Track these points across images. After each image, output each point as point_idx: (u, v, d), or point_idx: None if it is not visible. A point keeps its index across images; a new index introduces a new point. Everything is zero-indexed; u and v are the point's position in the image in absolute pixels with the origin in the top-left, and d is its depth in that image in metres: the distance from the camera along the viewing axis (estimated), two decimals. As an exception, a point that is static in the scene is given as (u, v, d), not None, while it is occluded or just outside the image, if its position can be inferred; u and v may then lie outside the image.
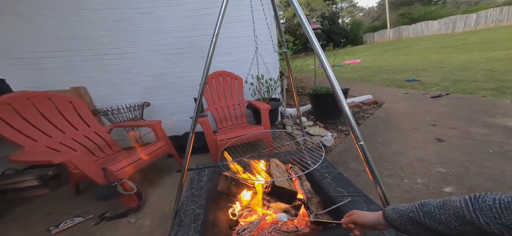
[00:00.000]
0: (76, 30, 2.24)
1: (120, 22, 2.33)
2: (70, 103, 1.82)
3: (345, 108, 0.79)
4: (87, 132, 1.84)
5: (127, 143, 2.49)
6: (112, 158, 1.75)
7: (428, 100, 2.99)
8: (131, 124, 2.15)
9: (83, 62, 2.33)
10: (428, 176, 1.50)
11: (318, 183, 1.18)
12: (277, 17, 1.45)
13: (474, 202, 0.37)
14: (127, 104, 2.39)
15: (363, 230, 0.60)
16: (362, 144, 0.78)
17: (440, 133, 2.04)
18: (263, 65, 2.49)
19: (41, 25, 2.15)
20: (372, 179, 0.78)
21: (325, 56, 0.87)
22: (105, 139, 1.91)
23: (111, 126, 2.05)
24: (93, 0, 2.21)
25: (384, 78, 5.07)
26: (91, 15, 2.24)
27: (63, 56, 2.27)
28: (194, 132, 1.10)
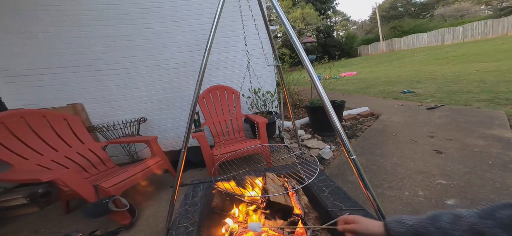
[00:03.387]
0: (74, 46, 2.29)
1: (118, 38, 2.39)
2: (65, 120, 1.83)
3: (335, 122, 0.80)
4: (81, 149, 1.83)
5: (123, 159, 2.45)
6: (105, 175, 1.73)
7: (424, 112, 3.02)
8: (126, 140, 2.14)
9: (81, 78, 2.36)
10: (429, 188, 1.47)
11: (316, 197, 1.14)
12: (269, 32, 1.50)
13: (491, 215, 0.34)
14: (124, 120, 2.40)
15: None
16: (354, 158, 0.77)
17: (438, 144, 2.03)
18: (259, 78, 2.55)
19: (40, 42, 2.19)
20: (366, 193, 0.76)
21: (313, 69, 0.89)
22: (99, 155, 1.90)
23: (106, 142, 2.05)
24: (92, 16, 2.29)
25: (379, 90, 5.16)
26: (89, 31, 2.31)
27: (60, 72, 2.29)
28: (186, 148, 1.09)
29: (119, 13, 2.35)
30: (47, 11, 2.17)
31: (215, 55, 2.58)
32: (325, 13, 22.02)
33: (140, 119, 2.45)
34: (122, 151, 2.45)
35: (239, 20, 1.35)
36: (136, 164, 1.75)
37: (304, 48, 2.94)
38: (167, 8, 2.47)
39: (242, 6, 1.28)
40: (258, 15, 1.41)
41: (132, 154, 2.52)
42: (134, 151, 2.55)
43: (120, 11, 2.35)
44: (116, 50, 2.41)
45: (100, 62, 2.39)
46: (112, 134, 2.28)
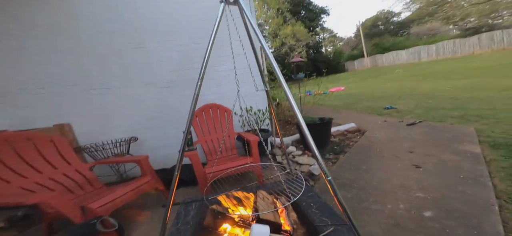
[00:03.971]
0: (64, 65, 2.30)
1: (110, 55, 2.43)
2: (51, 141, 1.83)
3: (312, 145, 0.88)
4: (67, 170, 1.82)
5: (111, 179, 2.38)
6: (93, 195, 1.71)
7: (404, 128, 3.26)
8: (115, 160, 2.13)
9: (69, 98, 2.35)
10: (409, 201, 1.58)
11: (304, 213, 1.20)
12: (257, 58, 1.62)
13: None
14: (113, 140, 2.37)
15: None
16: (330, 179, 0.86)
17: (417, 159, 2.19)
18: (252, 97, 2.67)
19: (28, 61, 2.19)
20: (342, 210, 0.84)
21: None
22: (86, 176, 1.89)
23: (93, 163, 2.04)
24: (84, 35, 2.33)
25: (365, 106, 5.47)
26: (80, 48, 2.34)
27: (48, 92, 2.27)
28: (180, 170, 1.13)
29: (112, 31, 2.42)
30: (38, 31, 2.19)
31: (207, 73, 2.67)
32: (314, 29, 23.47)
33: (130, 138, 2.44)
34: (110, 171, 2.39)
35: (232, 38, 1.47)
36: (126, 183, 1.74)
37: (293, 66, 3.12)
38: (160, 27, 2.57)
39: (232, 29, 1.40)
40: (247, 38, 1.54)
41: (122, 173, 2.47)
42: (124, 171, 2.50)
43: (113, 29, 2.42)
44: (107, 68, 2.44)
45: (90, 80, 2.40)
46: (100, 154, 2.24)
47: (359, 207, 1.61)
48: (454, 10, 16.55)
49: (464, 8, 15.78)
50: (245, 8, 1.25)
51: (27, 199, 1.26)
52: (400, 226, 1.37)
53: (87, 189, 1.84)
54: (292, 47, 16.54)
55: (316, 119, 2.87)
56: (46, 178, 1.67)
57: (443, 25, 22.40)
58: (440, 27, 23.17)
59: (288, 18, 18.56)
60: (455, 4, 16.16)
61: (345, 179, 2.03)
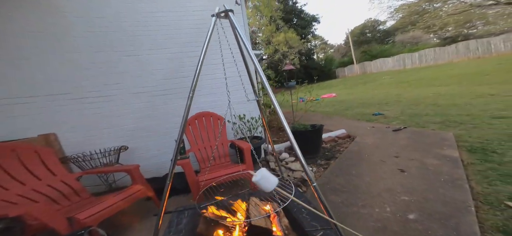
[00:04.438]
0: (54, 74, 2.26)
1: (102, 64, 2.42)
2: (36, 152, 1.79)
3: (298, 154, 0.94)
4: (52, 181, 1.78)
5: (100, 189, 2.31)
6: (80, 206, 1.69)
7: (390, 134, 3.42)
8: (104, 170, 2.10)
9: (58, 107, 2.29)
10: (395, 204, 1.66)
11: (295, 218, 1.24)
12: (247, 68, 1.69)
13: None
14: (102, 149, 2.32)
15: None
16: (315, 185, 0.91)
17: (402, 164, 2.31)
18: (244, 104, 2.71)
19: (17, 70, 2.13)
20: (328, 216, 0.89)
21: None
22: (73, 186, 1.86)
23: (80, 173, 2.01)
24: (77, 43, 2.30)
25: (355, 112, 5.68)
26: (72, 58, 2.31)
27: (35, 101, 2.21)
28: (172, 178, 1.14)
29: (103, 41, 2.41)
30: (29, 39, 2.15)
31: (200, 81, 2.71)
32: (306, 37, 24.20)
33: (120, 147, 2.39)
34: (99, 181, 2.32)
35: (223, 49, 1.52)
36: (115, 193, 1.72)
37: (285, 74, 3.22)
38: (153, 36, 2.60)
39: (224, 41, 1.46)
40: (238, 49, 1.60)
41: (111, 183, 2.40)
42: (113, 180, 2.44)
43: (104, 39, 2.41)
44: (99, 77, 2.42)
45: (80, 90, 2.36)
46: (88, 164, 2.19)
47: (349, 211, 1.67)
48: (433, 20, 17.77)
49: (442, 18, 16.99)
50: (235, 22, 1.31)
51: (9, 211, 1.21)
52: (387, 229, 1.43)
53: (74, 200, 1.80)
54: (285, 54, 16.94)
55: (308, 126, 2.95)
56: (29, 189, 1.63)
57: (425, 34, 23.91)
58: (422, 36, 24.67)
59: (280, 25, 19.07)
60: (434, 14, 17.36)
61: (336, 184, 2.10)
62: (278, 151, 3.10)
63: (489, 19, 16.24)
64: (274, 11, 18.04)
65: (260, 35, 18.29)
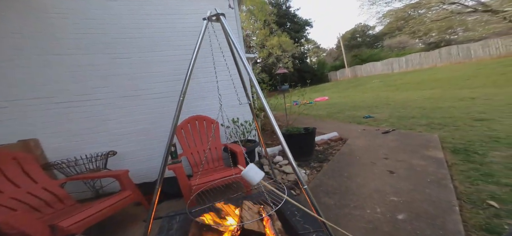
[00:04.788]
0: (38, 77, 2.16)
1: (90, 67, 2.35)
2: (14, 159, 1.72)
3: (290, 157, 0.95)
4: (33, 188, 1.71)
5: (86, 195, 2.22)
6: (64, 213, 1.62)
7: (380, 136, 3.53)
8: (90, 175, 2.02)
9: (41, 111, 2.19)
10: (385, 205, 1.71)
11: (288, 221, 1.24)
12: (239, 72, 1.69)
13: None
14: (88, 154, 2.24)
15: None
16: (306, 188, 0.92)
17: (391, 165, 2.39)
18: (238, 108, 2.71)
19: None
20: (319, 218, 0.90)
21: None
22: (56, 193, 1.79)
23: (63, 179, 1.94)
24: (61, 45, 2.22)
25: (347, 115, 5.82)
26: (58, 60, 2.22)
27: (16, 105, 2.11)
28: (161, 184, 1.12)
29: (91, 42, 2.34)
30: (11, 40, 2.05)
31: (193, 85, 2.69)
32: (299, 41, 24.64)
33: (108, 152, 2.31)
34: (84, 187, 2.23)
35: (216, 52, 1.52)
36: (102, 199, 1.68)
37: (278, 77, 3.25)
38: (145, 39, 2.56)
39: (216, 44, 1.46)
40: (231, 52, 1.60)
41: (97, 189, 2.31)
42: (100, 186, 2.34)
43: (94, 41, 2.34)
44: (86, 81, 2.34)
45: (66, 93, 2.27)
46: (73, 170, 2.10)
47: (341, 213, 1.70)
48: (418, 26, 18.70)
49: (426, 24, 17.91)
50: (227, 25, 1.32)
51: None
52: (378, 229, 1.47)
53: (58, 207, 1.74)
54: (279, 58, 17.14)
55: (301, 129, 2.99)
56: (7, 198, 1.55)
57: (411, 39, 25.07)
58: (408, 41, 25.83)
59: (274, 29, 19.32)
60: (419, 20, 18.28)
61: (329, 186, 2.13)
62: (272, 154, 3.11)
63: (469, 26, 17.27)
64: (268, 15, 18.27)
65: (254, 38, 18.42)
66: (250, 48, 17.61)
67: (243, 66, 1.13)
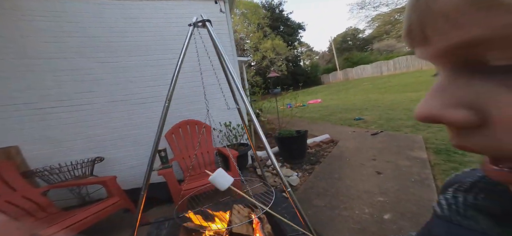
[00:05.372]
0: (14, 82, 2.08)
1: (73, 72, 2.28)
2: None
3: (274, 162, 0.98)
4: (11, 197, 1.64)
5: (71, 203, 2.14)
6: (46, 222, 1.58)
7: (369, 138, 3.64)
8: (75, 183, 1.97)
9: (20, 118, 2.10)
10: (372, 205, 1.77)
11: (278, 224, 1.26)
12: (226, 76, 1.71)
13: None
14: (73, 161, 2.17)
15: None
16: (289, 190, 0.96)
17: (379, 166, 2.47)
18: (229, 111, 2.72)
19: None
20: (302, 222, 0.93)
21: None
22: (37, 202, 1.73)
23: (46, 187, 1.88)
24: (42, 49, 2.16)
25: (339, 117, 5.96)
26: (38, 64, 2.15)
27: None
28: (146, 190, 1.11)
29: (76, 46, 2.29)
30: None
31: (185, 90, 2.67)
32: (292, 44, 25.02)
33: (95, 159, 2.25)
34: (70, 194, 2.15)
35: (205, 57, 1.53)
36: (88, 207, 1.64)
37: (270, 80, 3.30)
38: (133, 43, 2.52)
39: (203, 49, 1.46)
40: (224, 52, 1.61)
41: (84, 196, 2.23)
42: (86, 193, 2.27)
43: (77, 44, 2.29)
44: (70, 86, 2.27)
45: (48, 98, 2.19)
46: (57, 177, 2.03)
47: (332, 215, 1.74)
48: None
49: (412, 29, 18.79)
50: (212, 32, 1.34)
51: None
52: (366, 230, 1.52)
53: (39, 215, 1.68)
54: (273, 61, 17.30)
55: (293, 132, 3.04)
56: None
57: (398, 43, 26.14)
58: (395, 44, 26.90)
59: (268, 32, 19.54)
60: (405, 25, 19.16)
61: (320, 188, 2.17)
62: (265, 157, 3.13)
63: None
64: (261, 18, 18.47)
65: (248, 41, 18.54)
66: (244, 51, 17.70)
67: (229, 73, 1.15)
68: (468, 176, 0.21)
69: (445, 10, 0.10)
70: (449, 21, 0.10)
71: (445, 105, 0.12)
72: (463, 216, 0.18)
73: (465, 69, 0.12)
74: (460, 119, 0.12)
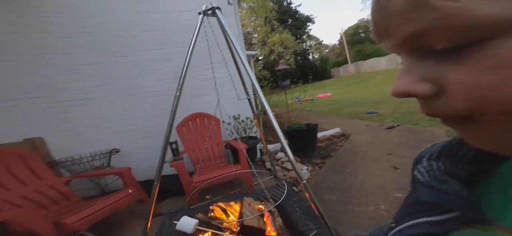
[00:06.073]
0: (36, 76, 2.18)
1: (89, 66, 2.35)
2: (21, 157, 1.74)
3: (288, 153, 0.94)
4: (39, 186, 1.74)
5: (91, 193, 2.26)
6: (69, 210, 1.65)
7: (384, 131, 3.47)
8: (94, 173, 2.05)
9: (42, 111, 2.21)
10: (388, 201, 1.68)
11: (289, 218, 1.23)
12: (237, 67, 1.67)
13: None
14: (92, 152, 2.26)
15: None
16: (304, 182, 0.91)
17: (395, 161, 2.35)
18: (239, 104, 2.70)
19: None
20: (318, 214, 0.88)
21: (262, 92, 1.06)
22: (61, 191, 1.82)
23: (69, 177, 1.96)
24: (60, 45, 2.23)
25: (350, 111, 5.75)
26: (57, 59, 2.23)
27: (17, 104, 2.13)
28: (159, 180, 1.13)
29: (91, 41, 2.34)
30: (6, 39, 2.06)
31: (193, 82, 2.67)
32: (301, 37, 24.37)
33: (111, 150, 2.34)
34: (89, 184, 2.26)
35: (214, 49, 1.50)
36: (106, 196, 1.70)
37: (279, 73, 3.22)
38: (144, 37, 2.54)
39: (213, 40, 1.44)
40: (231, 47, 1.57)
41: (102, 186, 2.34)
42: (104, 184, 2.38)
43: (93, 39, 2.35)
44: (86, 80, 2.35)
45: (67, 92, 2.28)
46: (78, 168, 2.13)
47: (344, 210, 1.68)
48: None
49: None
50: (223, 21, 1.30)
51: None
52: (381, 226, 1.45)
53: (63, 204, 1.77)
54: (281, 55, 16.99)
55: (303, 125, 2.97)
56: (14, 195, 1.59)
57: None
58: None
59: (275, 26, 19.12)
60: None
61: (331, 182, 2.11)
62: (274, 151, 3.10)
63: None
64: (269, 12, 18.07)
65: (256, 36, 18.29)
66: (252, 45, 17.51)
67: (240, 60, 1.11)
68: (435, 147, 0.25)
69: (396, 10, 0.13)
70: (399, 18, 0.13)
71: (412, 82, 0.15)
72: (439, 181, 0.21)
73: (422, 53, 0.14)
74: (424, 90, 0.14)
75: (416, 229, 0.21)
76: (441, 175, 0.21)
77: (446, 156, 0.22)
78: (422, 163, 0.25)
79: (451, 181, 0.20)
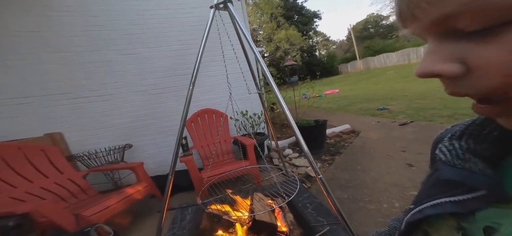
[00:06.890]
0: (52, 74, 2.26)
1: (100, 63, 2.42)
2: (42, 151, 1.81)
3: (304, 147, 0.91)
4: (59, 179, 1.81)
5: (105, 186, 2.34)
6: (86, 203, 1.70)
7: (397, 128, 3.34)
8: (109, 167, 2.12)
9: (60, 107, 2.30)
10: (404, 199, 1.62)
11: (301, 214, 1.21)
12: (248, 61, 1.65)
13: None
14: (107, 147, 2.34)
15: None
16: (321, 177, 0.88)
17: (410, 158, 2.25)
18: (247, 101, 2.70)
19: (15, 71, 2.14)
20: (335, 210, 0.86)
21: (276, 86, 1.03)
22: (80, 184, 1.88)
23: (86, 171, 2.03)
24: (73, 43, 2.31)
25: (359, 107, 5.59)
26: (70, 57, 2.31)
27: (37, 101, 2.22)
28: (173, 174, 1.13)
29: (101, 39, 2.40)
30: (23, 38, 2.15)
31: (201, 79, 2.69)
32: (307, 33, 23.90)
33: (124, 145, 2.41)
34: (104, 179, 2.35)
35: (224, 45, 1.49)
36: (120, 191, 1.74)
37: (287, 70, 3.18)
38: (151, 34, 2.57)
39: (224, 34, 1.43)
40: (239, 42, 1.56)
41: (116, 181, 2.43)
42: (118, 178, 2.46)
43: (102, 37, 2.41)
44: (98, 77, 2.42)
45: (80, 89, 2.36)
46: (94, 162, 2.22)
47: (355, 207, 1.64)
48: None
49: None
50: (235, 14, 1.29)
51: (17, 208, 1.25)
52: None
53: (81, 197, 1.83)
54: (287, 51, 16.77)
55: (311, 122, 2.91)
56: (37, 187, 1.66)
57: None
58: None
59: (281, 22, 18.86)
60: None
61: (341, 180, 2.06)
62: (282, 147, 3.07)
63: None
64: (275, 8, 17.84)
65: (261, 32, 18.14)
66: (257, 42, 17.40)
67: (253, 52, 1.10)
68: (456, 127, 0.24)
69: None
70: (428, 3, 0.14)
71: (437, 61, 0.15)
72: (463, 160, 0.20)
73: (447, 35, 0.15)
74: (451, 70, 0.15)
75: (438, 208, 0.20)
76: (464, 154, 0.20)
77: (469, 135, 0.21)
78: (444, 143, 0.24)
79: (474, 159, 0.19)
